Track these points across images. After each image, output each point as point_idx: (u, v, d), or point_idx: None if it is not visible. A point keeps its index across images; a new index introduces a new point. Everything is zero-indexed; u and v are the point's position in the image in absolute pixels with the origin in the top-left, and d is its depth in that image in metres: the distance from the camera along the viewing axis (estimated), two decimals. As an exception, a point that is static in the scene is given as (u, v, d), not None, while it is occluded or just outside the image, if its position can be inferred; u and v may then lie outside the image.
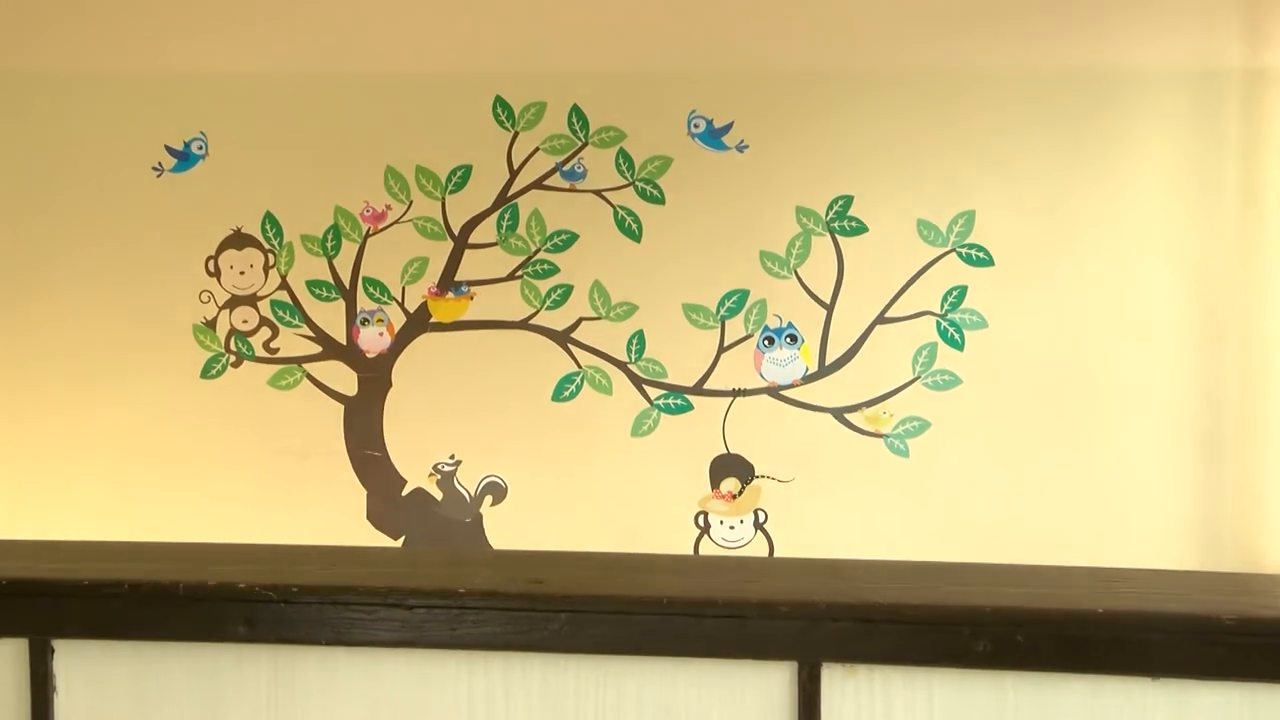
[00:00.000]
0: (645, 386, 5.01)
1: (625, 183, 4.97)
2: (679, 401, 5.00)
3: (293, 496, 5.10)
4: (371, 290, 5.10)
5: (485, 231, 5.03)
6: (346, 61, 5.03)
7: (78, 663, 2.46)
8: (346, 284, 5.11)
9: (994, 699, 2.28)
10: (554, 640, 2.38)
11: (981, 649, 2.27)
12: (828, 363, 4.95)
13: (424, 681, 2.41)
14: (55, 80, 5.12)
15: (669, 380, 5.00)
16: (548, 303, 5.02)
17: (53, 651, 2.46)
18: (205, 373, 5.15)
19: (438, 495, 5.13)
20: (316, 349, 5.13)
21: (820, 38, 4.87)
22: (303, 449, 5.13)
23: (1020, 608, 2.33)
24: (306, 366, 5.14)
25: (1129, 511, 4.85)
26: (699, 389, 5.00)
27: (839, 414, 4.95)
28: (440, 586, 2.44)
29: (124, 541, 2.84)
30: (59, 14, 5.09)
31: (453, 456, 5.11)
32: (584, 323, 5.02)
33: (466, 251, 5.05)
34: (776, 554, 4.94)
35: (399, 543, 5.12)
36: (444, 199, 5.05)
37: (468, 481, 5.11)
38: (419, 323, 5.09)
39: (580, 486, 5.02)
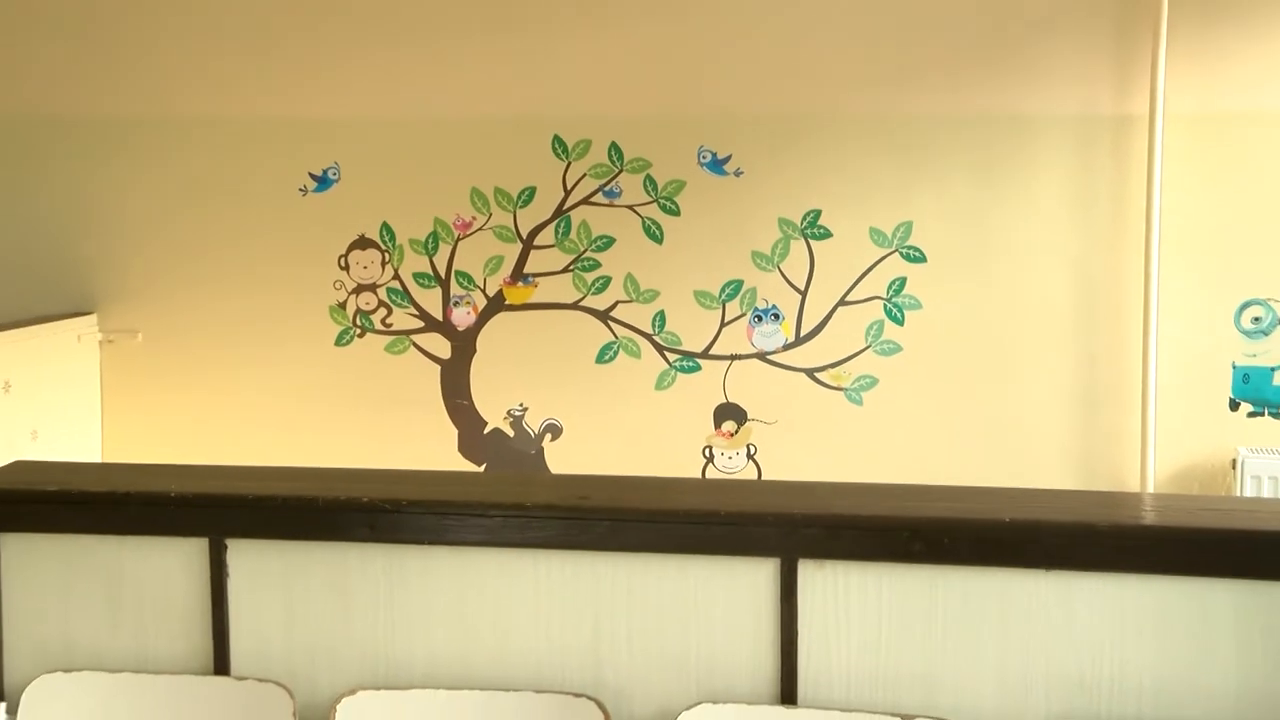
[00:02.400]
0: (665, 352, 5.00)
1: (650, 200, 4.96)
2: (690, 363, 4.99)
3: (402, 433, 5.11)
4: (461, 280, 5.09)
5: (546, 236, 5.02)
6: (441, 109, 5.01)
7: (245, 556, 2.48)
8: (443, 275, 5.10)
9: (926, 586, 2.28)
10: (598, 541, 2.38)
11: (917, 549, 2.28)
12: (802, 335, 4.93)
13: (500, 572, 2.42)
14: (229, 123, 5.11)
15: (683, 347, 4.99)
16: (592, 289, 5.01)
17: (226, 548, 2.48)
18: (338, 341, 5.15)
19: (510, 433, 5.13)
20: (420, 324, 5.13)
21: (797, 90, 4.85)
22: (410, 398, 5.13)
23: (946, 517, 2.33)
24: (413, 337, 5.14)
25: (1027, 446, 4.83)
26: (705, 354, 4.98)
27: (810, 373, 4.94)
28: (513, 501, 2.45)
29: (278, 466, 2.86)
30: (230, 73, 5.08)
31: (522, 404, 5.11)
32: (619, 304, 5.01)
33: (532, 251, 5.04)
34: (764, 477, 4.94)
35: (481, 469, 5.13)
36: (515, 212, 5.04)
37: (533, 423, 5.11)
38: (497, 304, 5.09)
39: (617, 427, 5.02)
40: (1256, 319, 4.70)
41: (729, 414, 4.99)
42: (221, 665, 2.48)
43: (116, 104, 5.15)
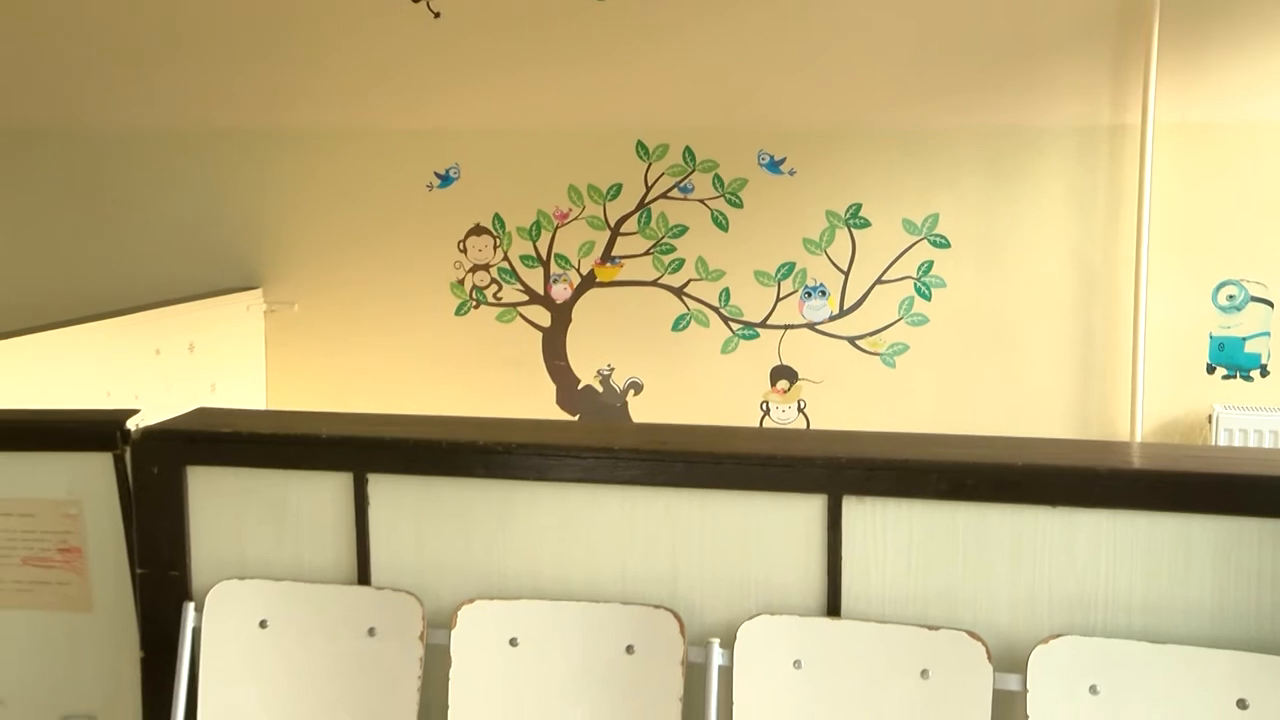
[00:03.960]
0: (730, 322, 4.99)
1: (718, 195, 4.94)
2: (751, 332, 4.97)
3: (511, 388, 5.14)
4: (559, 261, 5.10)
5: (630, 225, 5.02)
6: (544, 120, 5.02)
7: (382, 488, 2.50)
8: (544, 257, 5.11)
9: (949, 519, 2.27)
10: (674, 479, 2.38)
11: (943, 488, 2.26)
12: (845, 308, 4.90)
13: (593, 504, 2.43)
14: (370, 132, 5.15)
15: (744, 318, 4.98)
16: (669, 269, 5.00)
17: (368, 481, 2.50)
18: (458, 312, 5.18)
19: (600, 389, 5.14)
20: (525, 298, 5.15)
21: (841, 105, 4.81)
22: (516, 360, 5.16)
23: (968, 461, 2.31)
24: (519, 309, 5.16)
25: (1035, 402, 4.79)
26: (763, 324, 4.96)
27: (852, 340, 4.91)
28: (603, 445, 2.45)
29: (409, 414, 2.87)
30: (372, 91, 5.12)
31: (609, 365, 5.11)
32: (692, 282, 5.00)
33: (618, 237, 5.04)
34: (812, 427, 4.92)
35: (576, 419, 5.14)
36: (605, 204, 5.03)
37: (618, 380, 5.11)
38: (589, 282, 5.09)
39: (689, 384, 5.02)
40: (1231, 296, 4.65)
41: (783, 374, 4.97)
42: (364, 577, 2.51)
43: (280, 118, 5.21)
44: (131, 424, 2.57)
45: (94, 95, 5.35)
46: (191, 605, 2.51)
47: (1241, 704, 2.10)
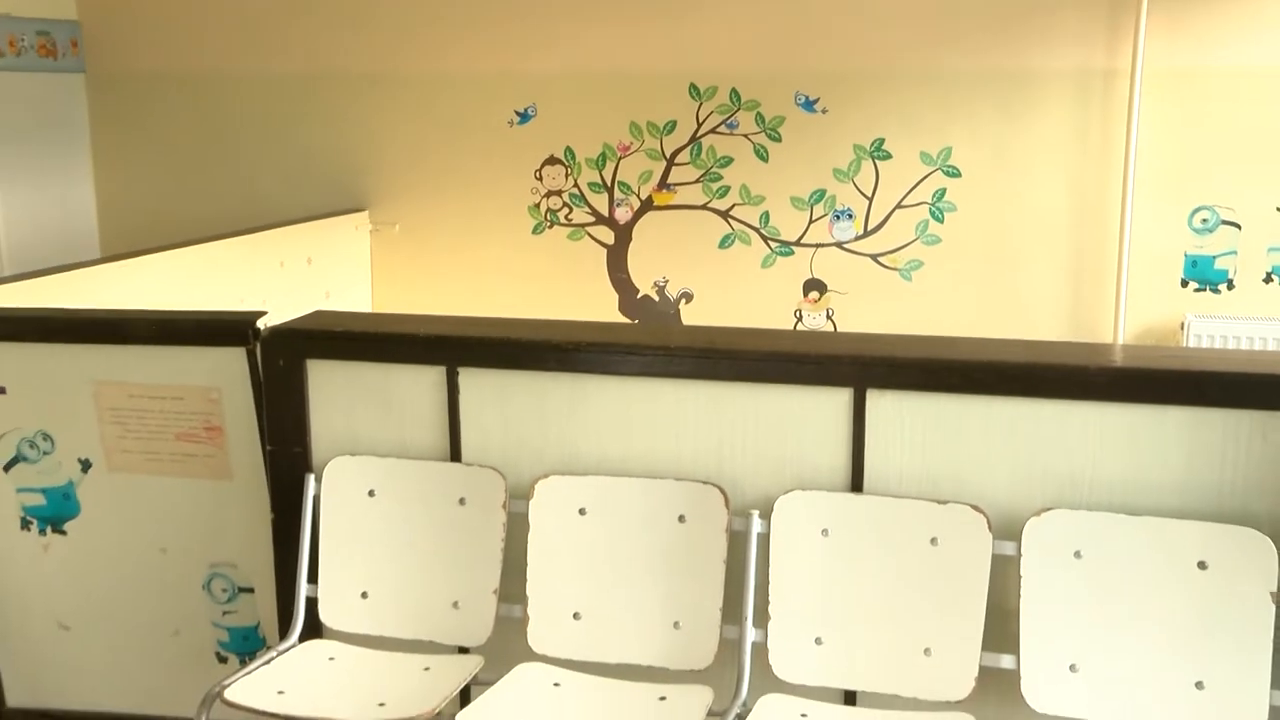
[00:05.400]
0: (769, 241, 4.94)
1: (760, 130, 4.86)
2: (787, 249, 4.92)
3: (579, 296, 5.13)
4: (622, 188, 5.06)
5: (683, 157, 4.96)
6: (610, 64, 4.94)
7: (471, 380, 2.52)
8: (609, 184, 5.07)
9: (959, 409, 2.26)
10: (721, 373, 2.38)
11: (954, 382, 2.25)
12: (868, 229, 4.82)
13: (651, 395, 2.44)
14: (460, 75, 5.11)
15: (781, 238, 4.92)
16: (717, 195, 4.95)
17: (459, 373, 2.52)
18: (534, 231, 5.16)
19: (656, 299, 5.12)
20: (592, 219, 5.11)
21: (867, 51, 4.70)
22: (584, 272, 5.14)
23: (975, 360, 2.29)
24: (587, 229, 5.13)
25: (1033, 309, 4.72)
26: (798, 243, 4.91)
27: (874, 257, 4.85)
28: (660, 344, 2.45)
29: (494, 317, 2.87)
30: (461, 39, 5.07)
31: (664, 277, 5.09)
32: (736, 206, 4.94)
33: (673, 167, 4.98)
34: (839, 330, 4.90)
35: (635, 323, 5.14)
36: (661, 139, 4.97)
37: (672, 291, 5.09)
38: (647, 205, 5.05)
39: (733, 295, 4.99)
40: (1204, 220, 4.56)
41: (814, 286, 4.93)
42: (455, 455, 2.54)
43: (384, 64, 5.17)
44: (261, 324, 2.61)
45: (232, 45, 5.32)
46: (312, 476, 2.55)
47: (1201, 565, 2.12)
